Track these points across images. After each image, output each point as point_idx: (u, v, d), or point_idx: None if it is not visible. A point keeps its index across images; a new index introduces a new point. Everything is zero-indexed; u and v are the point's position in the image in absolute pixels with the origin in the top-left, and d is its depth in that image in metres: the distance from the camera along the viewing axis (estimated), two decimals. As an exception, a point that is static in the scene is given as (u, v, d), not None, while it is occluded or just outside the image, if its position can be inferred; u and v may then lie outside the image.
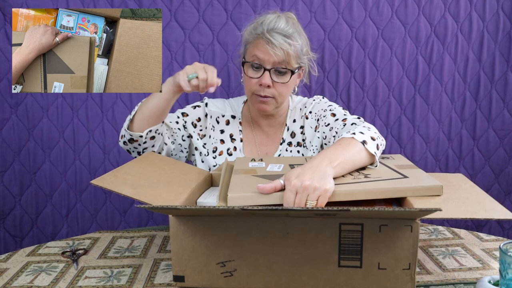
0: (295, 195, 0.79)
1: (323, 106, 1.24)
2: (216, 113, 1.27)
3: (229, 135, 1.27)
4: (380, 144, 1.00)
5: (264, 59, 1.14)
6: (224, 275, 0.79)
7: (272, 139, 1.28)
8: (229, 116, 1.28)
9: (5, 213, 1.57)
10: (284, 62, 1.14)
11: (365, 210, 0.69)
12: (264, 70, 1.14)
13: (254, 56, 1.15)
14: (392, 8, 1.59)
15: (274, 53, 1.12)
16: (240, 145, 1.26)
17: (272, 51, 1.12)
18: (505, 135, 1.69)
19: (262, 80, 1.14)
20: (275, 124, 1.28)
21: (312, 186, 0.79)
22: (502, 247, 0.68)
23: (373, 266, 0.75)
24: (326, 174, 0.82)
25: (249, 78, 1.16)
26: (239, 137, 1.27)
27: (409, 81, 1.64)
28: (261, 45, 1.13)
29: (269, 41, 1.12)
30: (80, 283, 0.86)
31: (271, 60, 1.13)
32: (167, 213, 0.80)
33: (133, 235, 1.10)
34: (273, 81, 1.15)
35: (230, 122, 1.28)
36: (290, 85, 1.19)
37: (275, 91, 1.16)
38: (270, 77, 1.14)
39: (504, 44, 1.64)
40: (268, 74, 1.14)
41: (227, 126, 1.27)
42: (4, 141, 1.53)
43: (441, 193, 0.84)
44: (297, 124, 1.27)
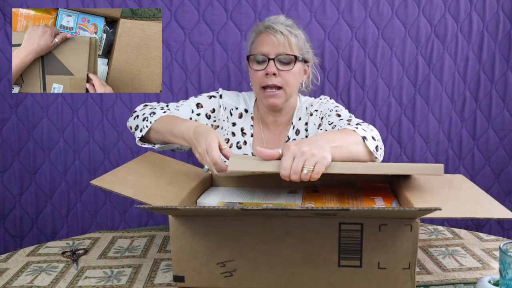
0: (293, 159, 0.80)
1: (329, 106, 1.24)
2: (230, 105, 1.29)
3: (240, 128, 1.28)
4: (380, 147, 1.00)
5: (267, 51, 1.18)
6: (224, 275, 0.79)
7: (279, 137, 1.29)
8: (242, 110, 1.29)
9: (5, 213, 1.57)
10: (286, 49, 1.19)
11: (365, 210, 0.70)
12: (269, 60, 1.18)
13: (258, 50, 1.19)
14: (392, 8, 1.59)
15: (277, 40, 1.17)
16: (250, 140, 1.27)
17: (274, 38, 1.17)
18: (505, 135, 1.69)
19: (268, 69, 1.17)
20: (281, 123, 1.29)
21: (310, 152, 0.80)
22: (502, 247, 0.68)
23: (373, 265, 0.75)
24: (324, 146, 0.84)
25: (255, 71, 1.19)
26: (250, 132, 1.28)
27: (409, 81, 1.64)
28: (263, 38, 1.20)
29: (270, 30, 1.18)
30: (80, 283, 0.86)
31: (275, 51, 1.18)
32: (166, 213, 0.80)
33: (133, 235, 1.10)
34: (279, 69, 1.18)
35: (243, 115, 1.29)
36: (296, 74, 1.22)
37: (282, 80, 1.19)
38: (275, 65, 1.18)
39: (504, 44, 1.64)
40: (272, 63, 1.18)
41: (239, 120, 1.28)
42: (4, 141, 1.53)
43: (442, 173, 0.82)
44: (302, 121, 1.28)
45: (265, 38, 1.19)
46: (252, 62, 1.21)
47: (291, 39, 1.19)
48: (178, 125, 1.03)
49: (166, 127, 1.06)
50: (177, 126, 1.03)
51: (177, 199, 0.86)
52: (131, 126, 1.15)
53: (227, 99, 1.29)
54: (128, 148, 1.59)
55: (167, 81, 1.56)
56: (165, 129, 1.06)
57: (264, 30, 1.20)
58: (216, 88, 1.58)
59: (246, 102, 1.31)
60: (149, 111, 1.13)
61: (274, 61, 1.18)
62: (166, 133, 1.06)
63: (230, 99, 1.29)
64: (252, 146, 1.26)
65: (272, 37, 1.18)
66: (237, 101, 1.30)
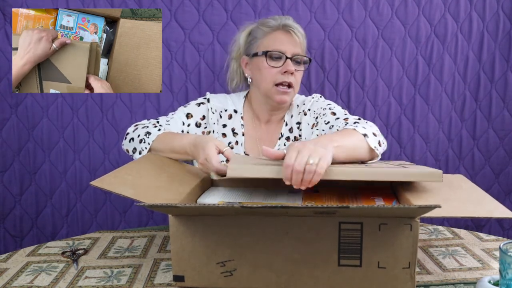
0: (297, 153, 0.81)
1: (322, 105, 1.24)
2: (219, 107, 1.28)
3: (231, 129, 1.28)
4: (382, 142, 1.01)
5: (285, 49, 1.20)
6: (224, 274, 0.79)
7: (272, 134, 1.29)
8: (232, 111, 1.29)
9: (5, 213, 1.57)
10: (302, 50, 1.23)
11: (365, 208, 0.70)
12: (286, 58, 1.19)
13: (276, 47, 1.20)
14: (392, 8, 1.59)
15: (298, 39, 1.21)
16: (242, 139, 1.27)
17: (295, 37, 1.21)
18: (505, 135, 1.69)
19: (287, 67, 1.19)
20: (275, 120, 1.30)
21: (314, 149, 0.81)
22: (502, 247, 0.68)
23: (373, 265, 0.75)
24: (327, 145, 0.85)
25: (271, 67, 1.20)
26: (241, 131, 1.28)
27: (409, 81, 1.64)
28: (280, 35, 1.21)
29: (290, 28, 1.21)
30: (80, 283, 0.86)
31: (292, 50, 1.20)
32: (166, 211, 0.80)
33: (133, 235, 1.10)
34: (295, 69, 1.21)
35: (233, 116, 1.29)
36: (302, 75, 1.26)
37: (295, 80, 1.22)
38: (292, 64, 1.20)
39: (504, 44, 1.64)
40: (290, 62, 1.20)
41: (229, 120, 1.28)
42: (4, 141, 1.53)
43: (441, 179, 0.82)
44: (294, 119, 1.28)
45: (283, 36, 1.21)
46: (269, 58, 1.20)
47: (304, 41, 1.25)
48: (178, 141, 1.05)
49: (165, 146, 1.08)
50: (176, 143, 1.05)
51: (177, 199, 0.86)
52: (127, 149, 1.15)
53: (215, 102, 1.28)
54: (128, 148, 1.59)
55: (167, 81, 1.57)
56: (165, 147, 1.08)
57: (282, 28, 1.21)
58: (216, 88, 1.59)
59: (235, 103, 1.31)
60: (143, 131, 1.12)
61: (291, 60, 1.20)
62: (166, 151, 1.07)
63: (218, 101, 1.29)
64: (244, 145, 1.27)
65: (293, 36, 1.21)
66: (225, 103, 1.30)
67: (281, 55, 1.19)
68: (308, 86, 1.61)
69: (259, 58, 1.21)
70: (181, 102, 1.57)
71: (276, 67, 1.19)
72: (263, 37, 1.23)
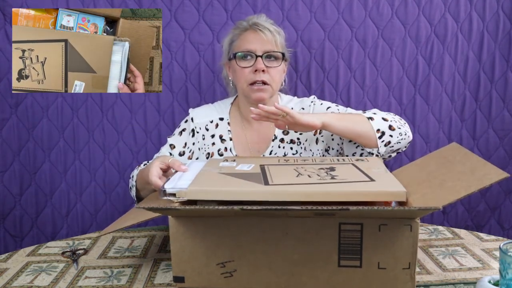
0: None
1: (322, 109, 1.26)
2: (204, 122, 1.29)
3: (219, 136, 1.28)
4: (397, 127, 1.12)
5: (254, 48, 1.19)
6: (224, 275, 0.79)
7: (264, 136, 1.28)
8: (217, 120, 1.29)
9: (5, 213, 1.57)
10: (273, 47, 1.20)
11: (365, 209, 0.70)
12: (256, 57, 1.19)
13: (245, 47, 1.20)
14: (392, 8, 1.59)
15: (265, 37, 1.19)
16: (231, 144, 1.26)
17: (262, 35, 1.19)
18: (505, 135, 1.69)
19: (257, 65, 1.18)
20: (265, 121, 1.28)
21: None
22: (502, 247, 0.68)
23: (373, 265, 0.75)
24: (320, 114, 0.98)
25: (242, 68, 1.20)
26: (228, 137, 1.27)
27: (409, 81, 1.64)
28: (249, 35, 1.21)
29: (258, 27, 1.20)
30: (80, 283, 0.86)
31: (262, 48, 1.19)
32: (166, 214, 0.80)
33: (133, 235, 1.10)
34: (266, 66, 1.19)
35: (219, 124, 1.29)
36: (280, 72, 1.24)
37: (269, 77, 1.20)
38: (263, 62, 1.19)
39: (504, 44, 1.64)
40: (260, 60, 1.19)
41: (216, 129, 1.28)
42: (4, 141, 1.53)
43: (404, 199, 0.76)
44: None
45: (252, 35, 1.20)
46: (239, 60, 1.21)
47: (277, 37, 1.22)
48: (146, 175, 1.03)
49: (142, 183, 1.12)
50: (145, 177, 1.04)
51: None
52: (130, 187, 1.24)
53: (199, 118, 1.29)
54: (128, 148, 1.59)
55: (167, 81, 1.56)
56: (142, 185, 1.12)
57: (250, 27, 1.21)
58: (216, 88, 1.59)
59: (219, 111, 1.31)
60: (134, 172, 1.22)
61: (262, 58, 1.19)
62: (146, 187, 1.10)
63: (202, 116, 1.29)
64: (233, 149, 1.26)
65: (261, 34, 1.19)
66: (210, 114, 1.30)
67: (250, 54, 1.19)
68: (308, 86, 1.61)
69: (233, 60, 1.23)
70: (181, 102, 1.57)
71: (247, 66, 1.19)
72: (236, 39, 1.24)
